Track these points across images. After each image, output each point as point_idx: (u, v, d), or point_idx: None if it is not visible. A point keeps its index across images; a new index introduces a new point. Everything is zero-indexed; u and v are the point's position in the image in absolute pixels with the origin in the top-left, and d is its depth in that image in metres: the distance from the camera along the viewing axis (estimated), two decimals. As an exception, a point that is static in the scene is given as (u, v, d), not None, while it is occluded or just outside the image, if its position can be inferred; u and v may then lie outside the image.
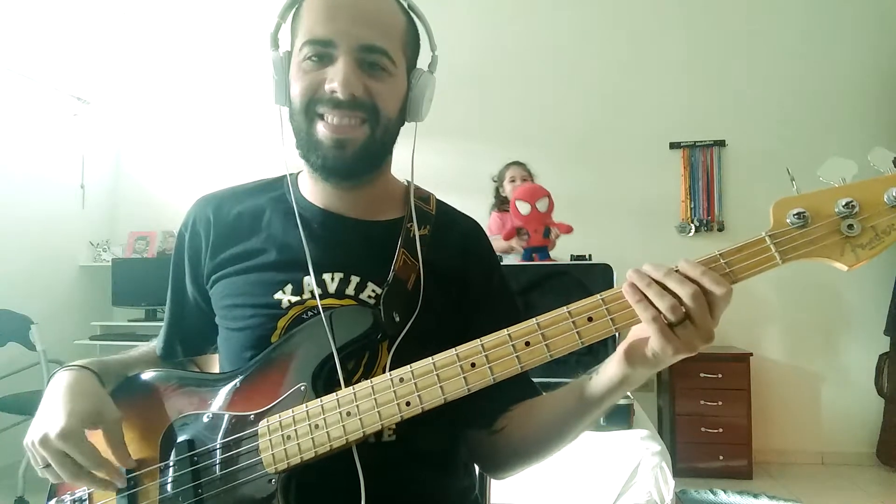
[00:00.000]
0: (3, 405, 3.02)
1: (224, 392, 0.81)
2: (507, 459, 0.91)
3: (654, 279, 0.66)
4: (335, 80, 0.79)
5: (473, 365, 0.71)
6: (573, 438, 0.84)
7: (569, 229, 3.26)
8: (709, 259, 0.67)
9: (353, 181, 0.87)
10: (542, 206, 3.11)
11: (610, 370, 0.74)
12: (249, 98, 4.40)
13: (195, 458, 0.78)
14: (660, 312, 0.65)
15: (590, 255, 3.35)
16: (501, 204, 3.48)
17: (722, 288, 0.64)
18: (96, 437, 0.79)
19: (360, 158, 0.83)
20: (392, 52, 0.83)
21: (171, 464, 0.79)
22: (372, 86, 0.82)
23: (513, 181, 3.41)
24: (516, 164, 3.49)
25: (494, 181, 3.57)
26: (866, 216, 0.65)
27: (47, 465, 0.77)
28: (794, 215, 0.66)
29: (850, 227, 0.65)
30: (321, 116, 0.81)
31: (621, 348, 0.72)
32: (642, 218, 3.98)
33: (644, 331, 0.69)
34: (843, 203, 0.65)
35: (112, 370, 0.88)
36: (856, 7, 3.90)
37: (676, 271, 0.66)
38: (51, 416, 0.76)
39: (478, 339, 0.71)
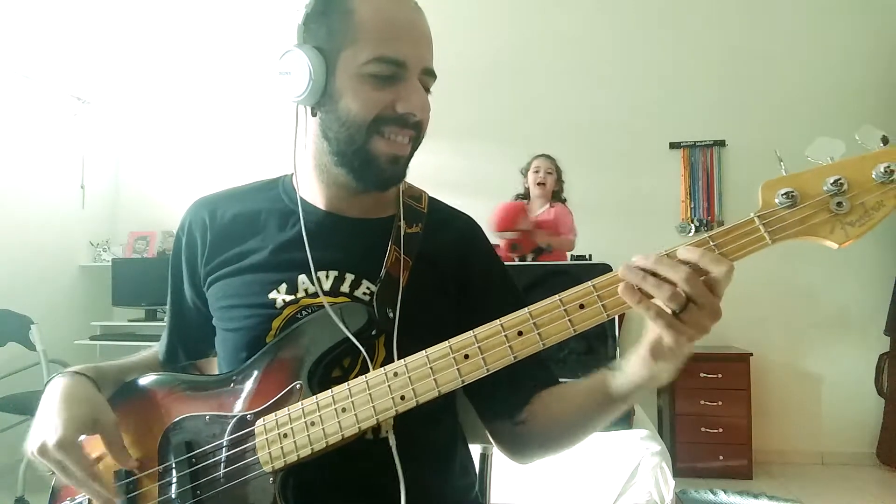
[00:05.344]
0: (3, 405, 3.02)
1: (221, 393, 0.82)
2: (531, 449, 0.92)
3: (646, 270, 0.65)
4: (412, 103, 0.81)
5: (467, 356, 0.71)
6: (594, 430, 0.85)
7: (552, 225, 3.33)
8: (699, 242, 0.67)
9: (383, 191, 0.89)
10: (526, 224, 3.17)
11: (634, 368, 0.74)
12: (249, 98, 4.40)
13: (194, 459, 0.79)
14: (660, 306, 0.65)
15: (590, 255, 3.36)
16: (525, 197, 3.49)
17: (722, 267, 0.64)
18: (96, 441, 0.79)
19: (403, 171, 0.86)
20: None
21: (171, 465, 0.80)
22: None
23: (536, 171, 3.41)
24: (544, 156, 3.47)
25: (522, 173, 3.56)
26: (855, 193, 0.65)
27: (52, 473, 0.78)
28: (782, 195, 0.66)
29: (839, 204, 0.65)
30: (381, 133, 0.81)
31: (645, 347, 0.71)
32: (642, 218, 3.98)
33: None
34: (832, 181, 0.65)
35: (109, 375, 0.88)
36: (855, 7, 3.90)
37: (669, 256, 0.66)
38: (48, 425, 0.77)
39: (470, 331, 0.72)
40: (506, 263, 1.03)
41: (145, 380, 0.89)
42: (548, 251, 3.24)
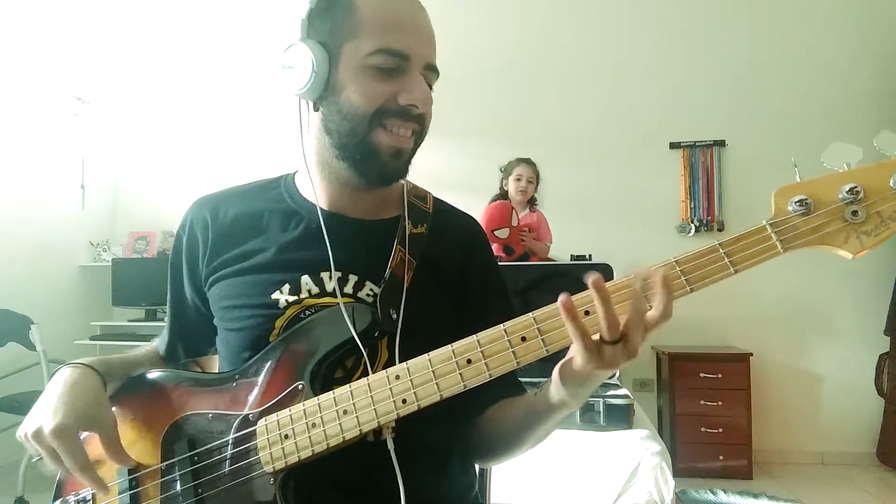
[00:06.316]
0: (3, 405, 3.02)
1: (223, 392, 0.82)
2: (478, 452, 0.94)
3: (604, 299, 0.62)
4: (414, 95, 0.80)
5: (469, 361, 0.70)
6: (530, 446, 0.86)
7: (532, 225, 3.34)
8: (708, 249, 0.65)
9: (386, 186, 0.88)
10: (515, 221, 3.18)
11: (548, 389, 0.74)
12: (249, 98, 4.40)
13: (195, 458, 0.78)
14: (586, 329, 0.64)
15: (590, 255, 3.36)
16: (503, 197, 3.49)
17: (665, 313, 0.63)
18: (94, 440, 0.79)
19: (406, 166, 0.86)
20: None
21: (172, 464, 0.79)
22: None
23: (518, 179, 3.41)
24: (527, 162, 3.46)
25: (501, 171, 3.56)
26: (871, 202, 0.63)
27: (40, 458, 0.77)
28: (795, 202, 0.64)
29: (855, 213, 0.63)
30: (383, 126, 0.81)
31: (556, 368, 0.71)
32: (642, 218, 3.98)
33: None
34: (847, 189, 0.63)
35: (115, 370, 0.88)
36: (855, 7, 3.90)
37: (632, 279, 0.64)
38: (47, 411, 0.77)
39: (474, 335, 0.71)
40: (504, 264, 1.03)
41: (150, 376, 0.89)
42: (529, 255, 3.25)
